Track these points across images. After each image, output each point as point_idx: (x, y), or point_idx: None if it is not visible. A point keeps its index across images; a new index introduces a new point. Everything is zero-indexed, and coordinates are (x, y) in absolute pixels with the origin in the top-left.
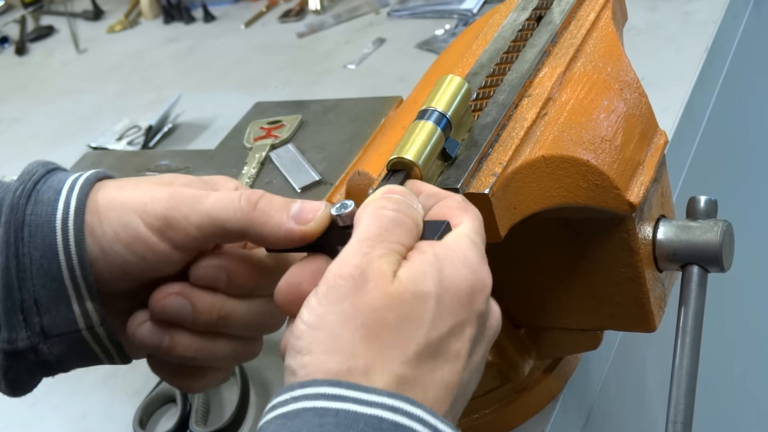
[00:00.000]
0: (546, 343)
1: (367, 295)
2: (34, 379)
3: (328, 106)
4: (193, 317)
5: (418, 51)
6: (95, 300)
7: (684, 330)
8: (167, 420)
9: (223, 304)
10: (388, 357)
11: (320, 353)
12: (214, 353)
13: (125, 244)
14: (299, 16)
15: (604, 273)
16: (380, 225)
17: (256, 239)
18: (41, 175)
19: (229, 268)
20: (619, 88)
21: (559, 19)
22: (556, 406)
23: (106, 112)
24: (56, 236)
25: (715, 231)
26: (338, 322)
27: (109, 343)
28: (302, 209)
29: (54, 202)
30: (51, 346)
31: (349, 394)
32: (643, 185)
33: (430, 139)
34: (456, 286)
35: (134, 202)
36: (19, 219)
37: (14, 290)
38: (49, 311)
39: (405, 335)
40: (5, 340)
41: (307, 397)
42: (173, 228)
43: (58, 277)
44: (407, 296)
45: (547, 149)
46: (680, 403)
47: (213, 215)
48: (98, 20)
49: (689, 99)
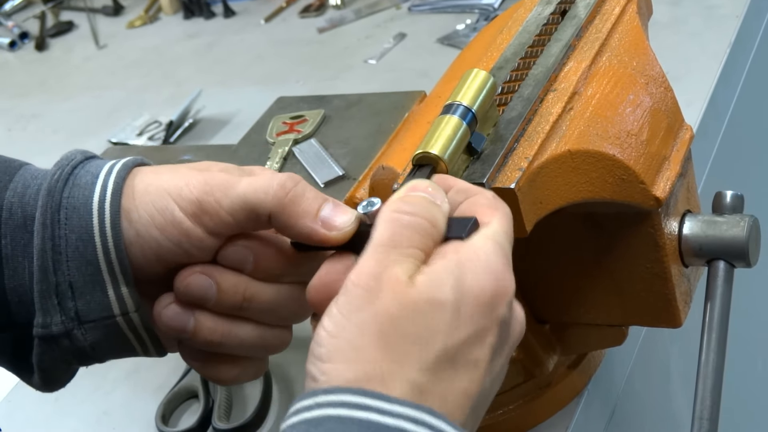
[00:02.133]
0: (571, 339)
1: (383, 303)
2: (68, 369)
3: (351, 100)
4: (217, 297)
5: (439, 46)
6: (130, 285)
7: (710, 326)
8: (190, 416)
9: (248, 286)
10: (405, 365)
11: (340, 361)
12: (240, 338)
13: (160, 228)
14: (319, 11)
15: (630, 268)
16: (393, 230)
17: (281, 228)
18: (79, 161)
19: (257, 250)
20: (644, 82)
21: (584, 13)
22: (580, 402)
23: (126, 107)
24: (93, 219)
25: (742, 226)
26: (356, 331)
27: (143, 332)
28: (332, 215)
29: (91, 185)
30: (85, 332)
31: (372, 403)
32: (669, 180)
33: (456, 134)
34: (476, 293)
35: (170, 187)
36: (56, 202)
37: (49, 273)
38: (84, 296)
39: (422, 343)
40: (40, 325)
41: (330, 404)
42: (207, 213)
43: (93, 260)
44: (423, 304)
45: (573, 144)
46: (706, 399)
47: (245, 199)
48: (118, 16)
49: (713, 93)
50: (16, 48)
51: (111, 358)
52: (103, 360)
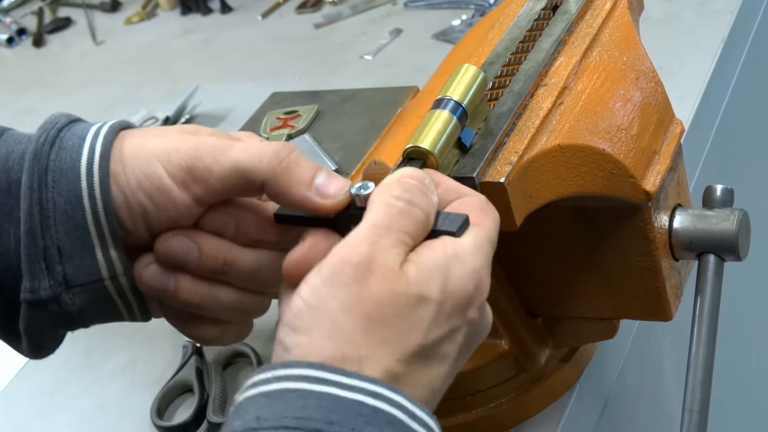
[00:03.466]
0: (562, 332)
1: (372, 287)
2: (56, 335)
3: (345, 96)
4: (198, 260)
5: (435, 41)
6: (119, 248)
7: (700, 319)
8: (185, 409)
9: (228, 251)
10: (384, 352)
11: (318, 336)
12: (220, 301)
13: (148, 193)
14: (316, 7)
15: (620, 262)
16: (391, 214)
17: (274, 196)
18: (64, 123)
19: (238, 216)
20: (635, 77)
21: (574, 9)
22: (572, 395)
23: (123, 103)
24: (81, 182)
25: (732, 220)
26: (340, 308)
27: (131, 296)
28: (326, 183)
29: (79, 148)
30: (74, 296)
31: (332, 377)
32: (659, 174)
33: (446, 128)
34: (459, 295)
35: (158, 151)
36: (43, 165)
37: (37, 237)
38: (72, 259)
39: (403, 334)
40: (27, 290)
41: (290, 378)
42: (196, 179)
43: (82, 223)
44: (411, 297)
45: (563, 138)
46: (696, 392)
47: (237, 165)
48: (115, 12)
49: (706, 88)
50: (13, 44)
51: (97, 323)
52: (89, 325)
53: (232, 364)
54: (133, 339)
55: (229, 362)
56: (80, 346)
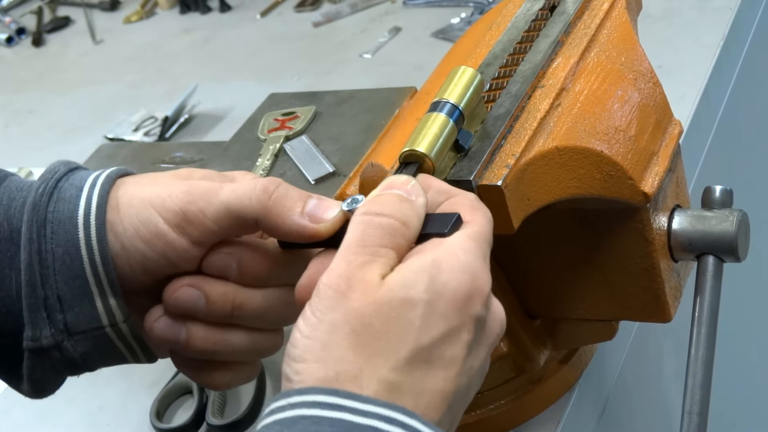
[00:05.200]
0: (561, 334)
1: (353, 303)
2: (58, 379)
3: (342, 97)
4: (207, 308)
5: (434, 40)
6: (118, 296)
7: (699, 320)
8: (184, 412)
9: (236, 294)
10: (377, 363)
11: (312, 361)
12: (233, 345)
13: (145, 240)
14: (315, 6)
15: (619, 264)
16: (362, 231)
17: (269, 230)
18: (63, 173)
19: (240, 256)
20: (633, 78)
21: (572, 9)
22: (571, 397)
23: (122, 102)
24: (78, 232)
25: (731, 221)
26: (328, 331)
27: (132, 341)
28: (317, 207)
29: (76, 198)
30: (75, 344)
31: (345, 403)
32: (657, 175)
33: (443, 131)
34: (451, 291)
35: (153, 198)
36: (41, 216)
37: (37, 287)
38: (73, 308)
39: (393, 341)
40: (30, 338)
41: (304, 405)
42: (191, 223)
43: (80, 273)
44: (394, 302)
45: (560, 140)
46: (696, 394)
47: (229, 206)
48: (114, 11)
49: (706, 86)
50: (13, 43)
51: (101, 366)
52: (94, 368)
53: None
54: None
55: None
56: None
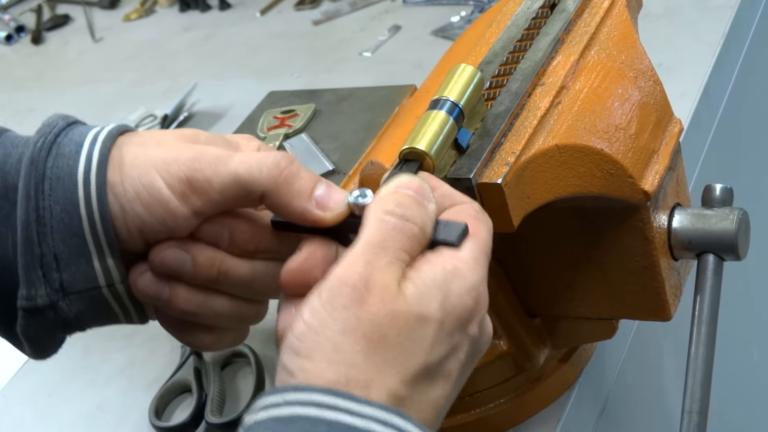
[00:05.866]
0: (561, 333)
1: (371, 308)
2: (54, 338)
3: (342, 95)
4: (193, 271)
5: (434, 38)
6: (116, 256)
7: (699, 319)
8: (183, 410)
9: (223, 261)
10: (387, 374)
11: (321, 361)
12: (215, 310)
13: (146, 204)
14: (315, 4)
15: (619, 262)
16: (385, 230)
17: (273, 206)
18: (62, 127)
19: (232, 225)
20: (633, 76)
21: (572, 7)
22: (571, 396)
23: (122, 100)
24: (78, 190)
25: (731, 219)
26: (341, 331)
27: (128, 302)
28: (326, 195)
29: (76, 155)
30: (70, 304)
31: (343, 404)
32: (657, 174)
33: (443, 129)
34: (459, 312)
35: (157, 161)
36: (40, 172)
37: (34, 245)
38: (69, 267)
39: (405, 355)
40: (24, 297)
41: (300, 403)
42: (196, 191)
43: (78, 231)
44: (411, 317)
45: (560, 138)
46: (696, 393)
47: (237, 177)
48: (114, 9)
49: (706, 85)
50: (12, 41)
51: (93, 327)
52: (86, 328)
53: (230, 364)
54: (131, 339)
55: (228, 362)
56: (79, 346)
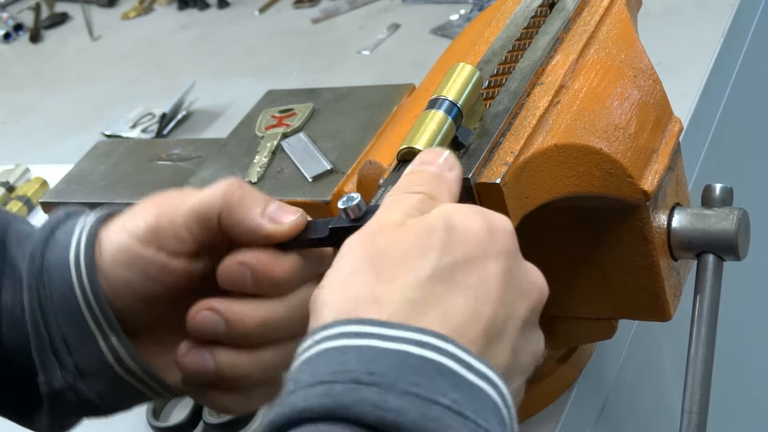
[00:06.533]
0: (560, 333)
1: (377, 242)
2: (78, 420)
3: (340, 94)
4: (228, 329)
5: (433, 36)
6: (118, 333)
7: (699, 319)
8: (180, 410)
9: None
10: (397, 284)
11: (332, 294)
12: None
13: (124, 265)
14: (313, 2)
15: (618, 262)
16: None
17: (229, 227)
18: (61, 220)
19: (251, 262)
20: (632, 75)
21: (572, 6)
22: (570, 396)
23: (120, 99)
24: (71, 274)
25: (731, 219)
26: (349, 264)
27: (147, 378)
28: (278, 209)
29: (67, 242)
30: (89, 385)
31: (372, 330)
32: (657, 173)
33: (441, 129)
34: (467, 223)
35: (126, 223)
36: (38, 264)
37: (42, 332)
38: (78, 349)
39: (412, 261)
40: (44, 383)
41: (328, 338)
42: (162, 235)
43: (78, 313)
44: (412, 231)
45: (559, 138)
46: (695, 393)
47: (195, 209)
48: (112, 7)
49: (706, 84)
50: (10, 40)
51: (128, 406)
52: (119, 410)
53: None
54: None
55: None
56: None
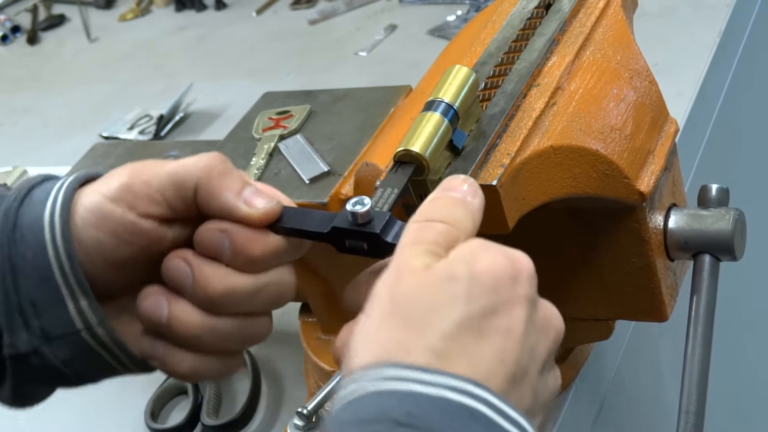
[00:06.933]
0: None
1: (403, 287)
2: (42, 389)
3: (337, 95)
4: (194, 287)
5: (430, 37)
6: (89, 297)
7: (696, 319)
8: (179, 412)
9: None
10: (425, 333)
11: (364, 347)
12: (220, 331)
13: (94, 224)
14: (311, 3)
15: (615, 263)
16: (415, 233)
17: (204, 199)
18: (38, 181)
19: (233, 233)
20: (628, 76)
21: (567, 7)
22: (568, 396)
23: (117, 101)
24: (44, 233)
25: (727, 219)
26: (378, 321)
27: (115, 348)
28: (253, 193)
29: (43, 201)
30: (55, 350)
31: (412, 375)
32: (653, 174)
33: (437, 131)
34: (491, 269)
35: (99, 185)
36: (11, 221)
37: (10, 293)
38: (46, 312)
39: (440, 312)
40: (8, 345)
41: (370, 380)
42: (135, 194)
43: (49, 274)
44: (437, 279)
45: (555, 139)
46: (692, 393)
47: (173, 174)
48: (110, 8)
49: (702, 84)
50: (7, 42)
51: (94, 377)
52: (87, 381)
53: None
54: None
55: None
56: None
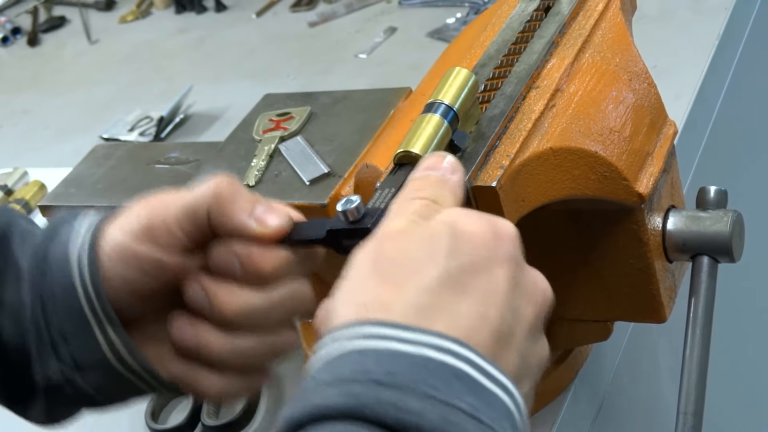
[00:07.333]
0: (556, 334)
1: (382, 250)
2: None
3: (337, 97)
4: (212, 309)
5: (430, 40)
6: (115, 324)
7: (694, 321)
8: (179, 412)
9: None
10: (403, 289)
11: (341, 303)
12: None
13: (120, 261)
14: (310, 6)
15: (614, 264)
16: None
17: (217, 222)
18: (65, 219)
19: (241, 252)
20: (627, 78)
21: (567, 10)
22: (567, 398)
23: (118, 103)
24: (72, 268)
25: (725, 221)
26: (355, 274)
27: (145, 374)
28: (265, 211)
29: (71, 238)
30: (85, 377)
31: (391, 333)
32: (652, 176)
33: (437, 132)
34: (472, 229)
35: (121, 223)
36: (40, 259)
37: (40, 327)
38: (76, 341)
39: (418, 267)
40: (40, 373)
41: (348, 338)
42: (154, 230)
43: (77, 306)
44: (418, 238)
45: (555, 141)
46: (691, 394)
47: (186, 206)
48: (110, 10)
49: (701, 87)
50: (8, 43)
51: (125, 400)
52: (116, 403)
53: None
54: None
55: None
56: None
